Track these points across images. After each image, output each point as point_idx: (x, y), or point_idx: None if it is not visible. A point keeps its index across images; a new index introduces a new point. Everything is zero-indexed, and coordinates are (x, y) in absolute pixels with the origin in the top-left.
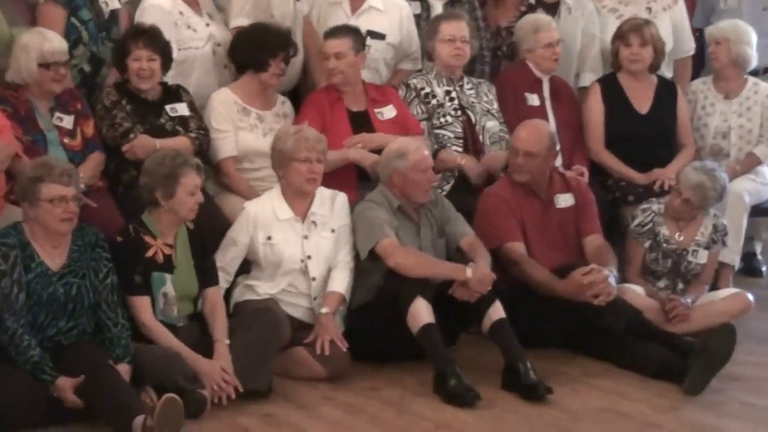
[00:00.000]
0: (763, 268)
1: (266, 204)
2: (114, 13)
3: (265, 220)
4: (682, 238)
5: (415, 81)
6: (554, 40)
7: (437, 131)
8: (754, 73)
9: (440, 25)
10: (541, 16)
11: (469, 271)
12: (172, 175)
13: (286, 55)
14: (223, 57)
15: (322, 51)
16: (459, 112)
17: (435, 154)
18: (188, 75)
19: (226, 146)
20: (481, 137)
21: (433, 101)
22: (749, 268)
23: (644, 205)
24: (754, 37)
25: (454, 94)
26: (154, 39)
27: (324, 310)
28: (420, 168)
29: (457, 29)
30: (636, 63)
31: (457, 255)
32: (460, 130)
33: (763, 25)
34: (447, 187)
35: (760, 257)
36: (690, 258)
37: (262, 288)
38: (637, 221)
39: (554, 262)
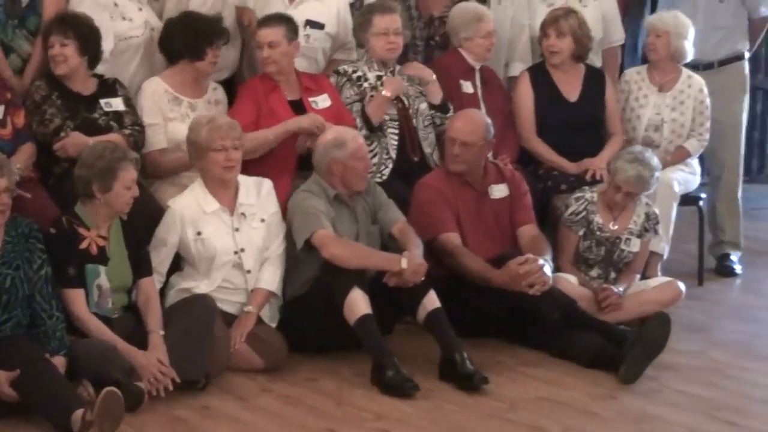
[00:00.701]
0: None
1: (191, 199)
2: (34, 3)
3: (192, 215)
4: (616, 226)
5: (345, 67)
6: (491, 30)
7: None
8: (709, 66)
9: (373, 18)
10: (480, 6)
11: (404, 262)
12: (110, 169)
13: (222, 43)
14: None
15: (256, 40)
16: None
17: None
18: (129, 65)
19: (152, 138)
20: (414, 121)
21: (365, 84)
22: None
23: (577, 194)
24: (692, 31)
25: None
26: (67, 23)
27: (248, 308)
28: (358, 156)
29: (391, 22)
30: (554, 55)
31: (390, 242)
32: (394, 111)
33: (718, 17)
34: (386, 171)
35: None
36: (623, 246)
37: (198, 288)
38: (570, 210)
39: (489, 252)
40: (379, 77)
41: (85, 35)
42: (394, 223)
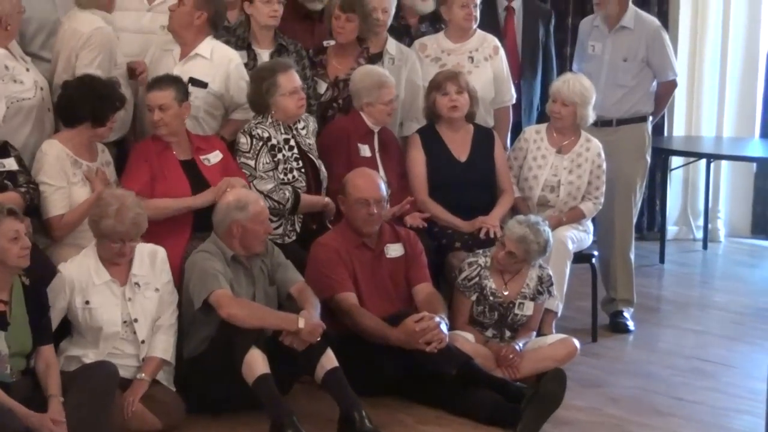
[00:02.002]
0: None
1: (83, 266)
2: None
3: (81, 283)
4: (507, 292)
5: (258, 131)
6: (393, 96)
7: (284, 178)
8: (607, 123)
9: (278, 79)
10: (383, 72)
11: (301, 322)
12: None
13: (121, 108)
14: (48, 101)
15: (146, 103)
16: (300, 162)
17: (296, 202)
18: (22, 128)
19: (58, 203)
20: (321, 175)
21: (279, 155)
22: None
23: (471, 259)
24: (595, 97)
25: (292, 142)
26: None
27: (140, 375)
28: (259, 219)
29: (297, 79)
30: (455, 110)
31: (288, 302)
32: (303, 175)
33: (621, 76)
34: (288, 241)
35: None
36: (516, 311)
37: (87, 357)
38: (463, 275)
39: (386, 311)
40: (286, 140)
41: None
42: (292, 283)
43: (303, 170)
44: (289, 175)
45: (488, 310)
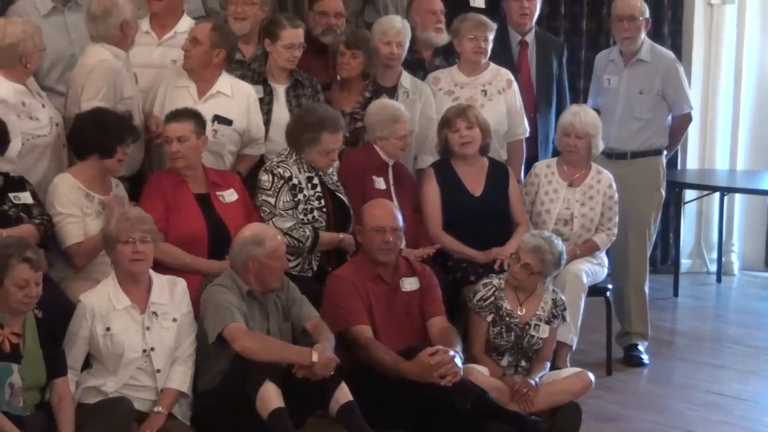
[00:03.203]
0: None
1: (102, 294)
2: None
3: (101, 310)
4: (523, 311)
5: (280, 170)
6: (407, 132)
7: (303, 218)
8: (622, 156)
9: (322, 137)
10: (397, 106)
11: (315, 355)
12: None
13: (131, 141)
14: (63, 137)
15: (164, 135)
16: (322, 201)
17: (315, 241)
18: (38, 164)
19: (73, 231)
20: (349, 212)
21: (300, 195)
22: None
23: (485, 280)
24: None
25: (316, 180)
26: None
27: (157, 409)
28: (276, 255)
29: (338, 141)
30: (467, 146)
31: (303, 337)
32: (324, 215)
33: (636, 108)
34: (309, 274)
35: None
36: (532, 332)
37: (106, 386)
38: (479, 295)
39: (400, 344)
40: (309, 178)
41: None
42: (307, 318)
43: (324, 209)
44: (309, 216)
45: (505, 330)
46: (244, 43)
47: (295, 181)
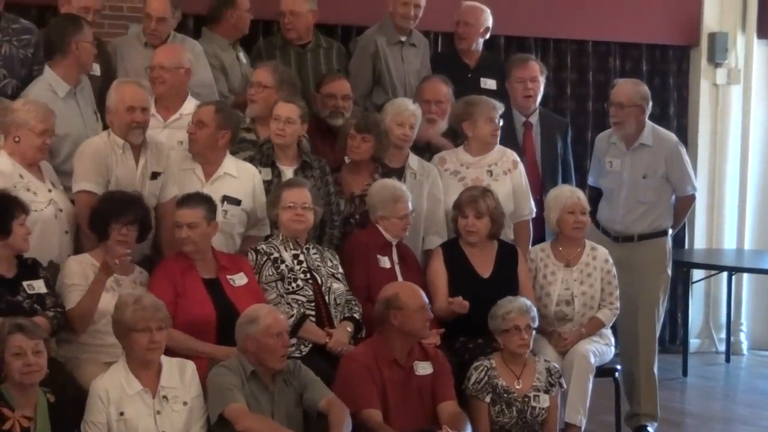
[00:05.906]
0: None
1: (114, 378)
2: None
3: (114, 395)
4: (521, 384)
5: (263, 247)
6: (408, 212)
7: (290, 296)
8: (629, 239)
9: (282, 193)
10: (398, 186)
11: None
12: None
13: (130, 221)
14: (65, 222)
15: (174, 220)
16: (308, 275)
17: (299, 324)
18: (40, 243)
19: (75, 297)
20: (327, 297)
21: (282, 266)
22: None
23: (476, 363)
24: None
25: (301, 257)
26: None
27: None
28: (272, 332)
29: (298, 195)
30: (472, 235)
31: (320, 419)
32: (311, 293)
33: (641, 192)
34: (305, 350)
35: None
36: (533, 404)
37: None
38: (473, 379)
39: (411, 427)
40: (295, 256)
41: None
42: (322, 398)
43: (309, 282)
44: (294, 284)
45: (506, 407)
46: (260, 125)
47: (276, 255)
